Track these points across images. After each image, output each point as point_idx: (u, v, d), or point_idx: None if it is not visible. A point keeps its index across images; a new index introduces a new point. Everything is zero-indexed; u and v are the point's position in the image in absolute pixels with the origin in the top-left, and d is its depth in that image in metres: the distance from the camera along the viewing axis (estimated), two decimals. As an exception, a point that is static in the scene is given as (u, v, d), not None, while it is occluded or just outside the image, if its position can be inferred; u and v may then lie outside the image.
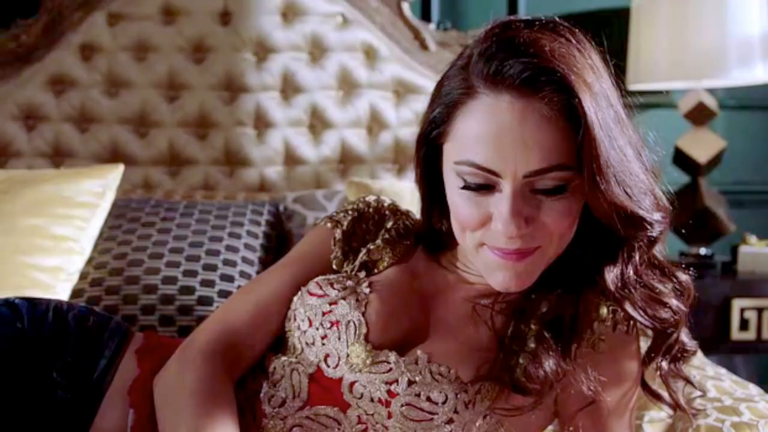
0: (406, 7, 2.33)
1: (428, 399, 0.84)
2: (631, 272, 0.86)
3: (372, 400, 0.85)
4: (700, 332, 2.12)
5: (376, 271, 0.95)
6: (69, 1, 2.26)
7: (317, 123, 2.30)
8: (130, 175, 2.23)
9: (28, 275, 1.40)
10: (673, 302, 0.89)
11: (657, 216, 0.86)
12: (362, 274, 0.94)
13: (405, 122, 2.32)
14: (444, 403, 0.83)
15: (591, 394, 0.85)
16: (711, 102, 2.35)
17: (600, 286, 0.86)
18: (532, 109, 0.78)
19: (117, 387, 0.93)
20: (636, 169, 0.84)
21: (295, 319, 0.93)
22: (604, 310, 0.88)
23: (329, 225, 1.00)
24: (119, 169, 1.73)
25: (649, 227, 0.85)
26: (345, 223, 0.99)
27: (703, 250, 2.37)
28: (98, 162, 2.25)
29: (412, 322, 0.90)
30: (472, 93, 0.81)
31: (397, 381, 0.85)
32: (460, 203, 0.83)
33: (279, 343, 0.96)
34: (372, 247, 0.96)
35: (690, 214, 2.31)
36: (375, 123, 2.32)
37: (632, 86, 2.38)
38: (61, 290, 1.44)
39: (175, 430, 0.83)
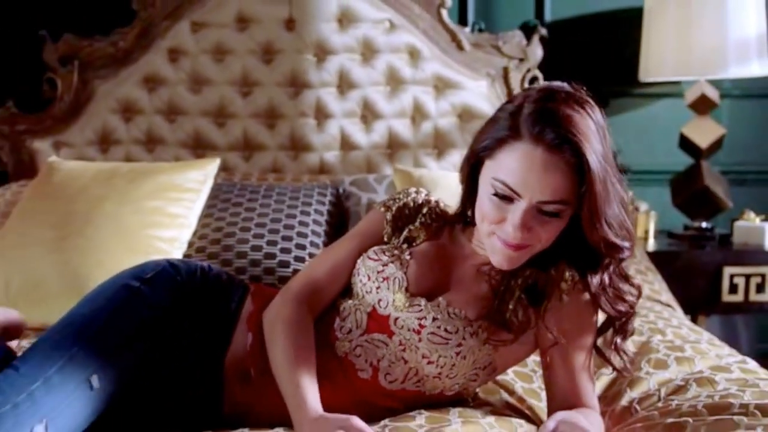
0: (444, 14, 2.69)
1: (445, 330, 1.24)
2: (607, 279, 1.25)
3: (408, 329, 1.27)
4: (696, 294, 2.53)
5: (414, 244, 1.36)
6: (159, 12, 2.66)
7: (368, 114, 2.69)
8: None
9: (152, 244, 1.84)
10: (631, 300, 1.28)
11: (627, 244, 1.23)
12: (405, 246, 1.36)
13: (443, 113, 2.69)
14: (456, 333, 1.24)
15: (557, 335, 1.26)
16: (713, 94, 2.69)
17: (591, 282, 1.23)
18: (555, 162, 1.15)
19: (242, 320, 1.37)
20: (618, 212, 1.20)
21: (358, 275, 1.35)
22: (567, 279, 1.27)
23: (382, 209, 1.42)
24: (216, 162, 2.16)
25: (622, 252, 1.23)
26: (393, 209, 1.40)
27: (704, 224, 2.75)
28: (184, 148, 2.69)
29: (437, 280, 1.31)
30: (518, 137, 1.17)
31: (425, 318, 1.26)
32: (486, 203, 1.22)
33: (346, 291, 1.38)
34: (412, 227, 1.37)
35: (692, 193, 2.69)
36: (417, 114, 2.70)
37: (643, 78, 2.75)
38: (176, 256, 1.87)
39: (274, 346, 1.26)
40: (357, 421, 1.11)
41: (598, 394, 1.39)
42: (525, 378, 1.50)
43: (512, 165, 1.18)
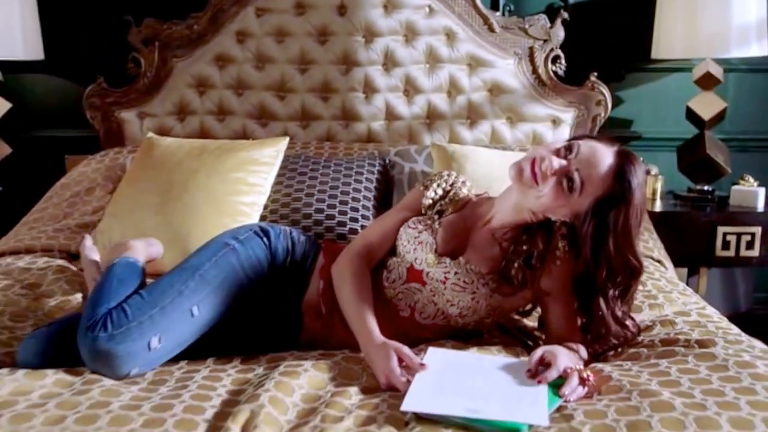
0: (478, 0, 3.09)
1: (464, 281, 1.68)
2: (615, 305, 1.62)
3: (437, 281, 1.70)
4: (693, 250, 2.92)
5: (444, 215, 1.81)
6: None
7: (410, 89, 3.09)
8: (274, 128, 3.14)
9: (236, 208, 2.30)
10: (629, 334, 1.67)
11: (628, 275, 1.60)
12: (436, 217, 1.80)
13: (476, 88, 3.08)
14: (471, 283, 1.67)
15: (549, 287, 1.68)
16: (717, 72, 3.05)
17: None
18: (610, 172, 1.55)
19: (315, 271, 1.83)
20: (630, 248, 1.57)
21: (401, 240, 1.79)
22: (560, 248, 1.69)
23: (422, 188, 1.86)
24: (285, 140, 2.59)
25: (619, 276, 1.60)
26: (430, 188, 1.84)
27: (706, 187, 3.13)
28: (250, 118, 3.12)
29: (459, 243, 1.74)
30: (602, 142, 1.60)
31: (449, 272, 1.69)
32: (548, 147, 1.60)
33: (392, 251, 1.83)
34: (443, 203, 1.82)
35: (694, 160, 3.08)
36: (453, 88, 3.09)
37: (655, 56, 3.11)
38: (255, 218, 2.33)
39: (343, 291, 1.70)
40: (406, 350, 1.55)
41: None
42: (530, 319, 1.94)
43: (591, 146, 1.60)
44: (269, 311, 1.79)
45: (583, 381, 1.44)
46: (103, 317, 1.58)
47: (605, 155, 1.58)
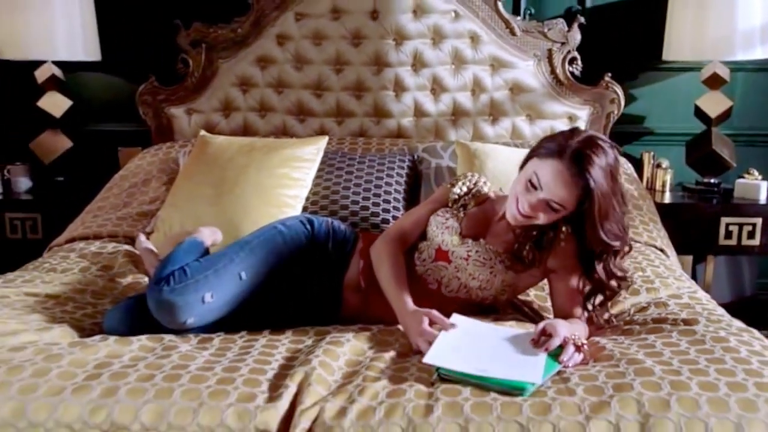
0: (500, 5, 3.33)
1: (483, 258, 1.97)
2: (611, 264, 1.91)
3: (461, 258, 1.98)
4: (698, 239, 3.19)
5: (467, 209, 2.10)
6: (269, 4, 3.36)
7: (437, 88, 3.37)
8: (311, 124, 3.44)
9: (281, 200, 2.60)
10: (622, 284, 1.95)
11: (617, 243, 1.87)
12: (461, 209, 2.10)
13: (498, 87, 3.36)
14: (490, 260, 1.96)
15: (555, 265, 1.98)
16: (723, 72, 3.29)
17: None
18: (571, 184, 1.80)
19: (355, 253, 2.12)
20: (612, 225, 1.84)
21: (430, 225, 2.08)
22: (564, 231, 1.97)
23: (449, 186, 2.15)
24: (325, 139, 2.89)
25: (611, 248, 1.87)
26: (456, 186, 2.14)
27: (712, 180, 3.39)
28: (289, 114, 3.42)
29: (480, 230, 2.02)
30: (560, 158, 1.82)
31: (471, 251, 1.98)
32: (522, 181, 1.87)
33: (423, 236, 2.12)
34: (466, 198, 2.11)
35: (701, 154, 3.34)
36: (477, 87, 3.37)
37: (666, 58, 3.37)
38: (298, 209, 2.62)
39: (381, 269, 1.98)
40: (435, 312, 1.85)
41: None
42: (542, 299, 2.23)
43: (547, 170, 1.85)
44: (313, 289, 2.10)
45: (578, 348, 1.73)
46: (168, 275, 1.94)
47: (562, 172, 1.82)
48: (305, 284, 2.10)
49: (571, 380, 1.61)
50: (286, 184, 2.65)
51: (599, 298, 1.98)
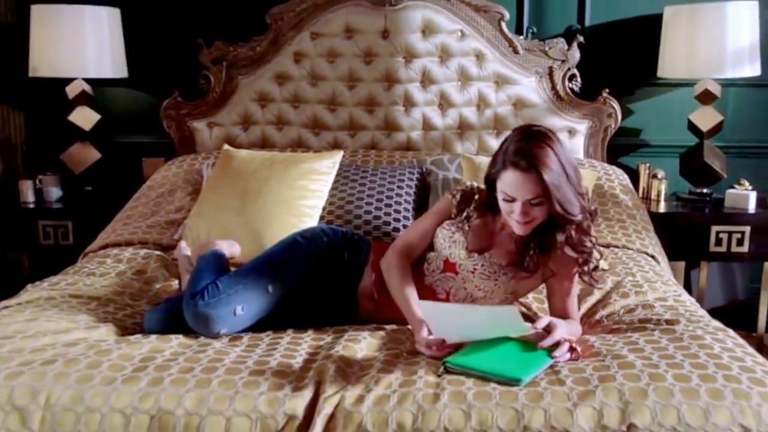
0: (504, 25, 3.56)
1: (488, 271, 2.19)
2: (572, 233, 2.15)
3: (467, 271, 2.20)
4: (690, 246, 3.41)
5: (471, 220, 2.32)
6: (286, 24, 3.59)
7: (444, 103, 3.59)
8: (325, 137, 3.67)
9: (301, 210, 2.82)
10: (588, 246, 2.19)
11: (579, 216, 2.10)
12: (465, 221, 2.31)
13: (501, 102, 3.58)
14: (494, 273, 2.18)
15: (555, 268, 2.20)
16: (715, 89, 3.51)
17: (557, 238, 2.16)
18: (527, 179, 2.02)
19: (368, 264, 2.36)
20: (573, 200, 2.06)
21: (437, 238, 2.31)
22: (560, 239, 2.20)
23: (450, 197, 2.37)
24: (340, 153, 3.12)
25: (572, 220, 2.09)
26: (458, 197, 2.34)
27: (705, 190, 3.61)
28: (305, 128, 3.65)
29: (484, 242, 2.24)
30: (507, 168, 2.06)
31: (476, 264, 2.20)
32: (501, 202, 2.11)
33: (430, 247, 2.34)
34: (469, 210, 2.32)
35: (694, 166, 3.56)
36: (482, 103, 3.59)
37: (660, 75, 3.60)
38: (316, 218, 2.83)
39: (391, 281, 2.21)
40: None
41: (582, 313, 2.35)
42: (540, 301, 2.46)
43: (507, 183, 2.08)
44: (331, 296, 2.33)
45: (572, 350, 1.95)
46: (202, 290, 2.16)
47: (516, 177, 2.03)
48: (324, 291, 2.32)
49: (562, 372, 1.84)
50: (304, 195, 2.88)
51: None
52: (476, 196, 2.33)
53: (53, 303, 2.33)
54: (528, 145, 2.05)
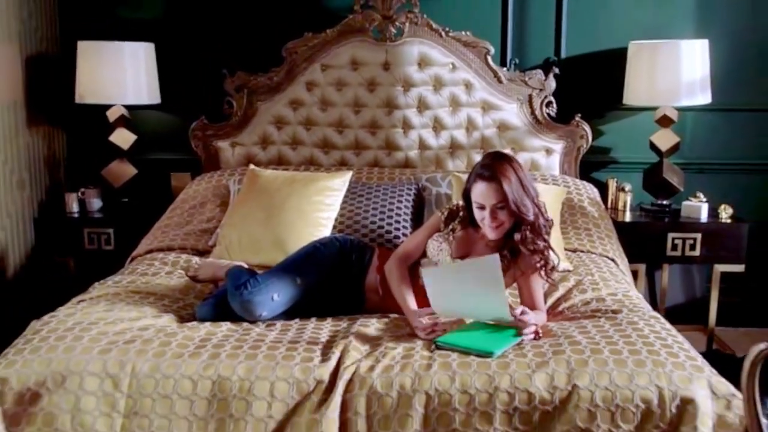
0: (489, 59, 4.16)
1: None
2: (527, 234, 2.74)
3: None
4: (650, 250, 4.03)
5: (455, 232, 2.90)
6: (299, 57, 4.17)
7: (437, 126, 4.18)
8: (334, 155, 4.26)
9: (317, 222, 3.40)
10: (540, 245, 2.78)
11: (532, 217, 2.69)
12: (451, 233, 2.88)
13: (487, 125, 4.17)
14: None
15: (524, 267, 2.79)
16: (672, 114, 4.12)
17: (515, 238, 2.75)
18: (491, 188, 2.61)
19: (372, 267, 2.93)
20: (528, 204, 2.66)
21: (428, 247, 2.88)
22: (517, 238, 2.77)
23: (439, 214, 2.95)
24: (350, 173, 3.70)
25: (526, 219, 2.68)
26: (445, 214, 2.91)
27: (664, 202, 4.22)
28: (316, 147, 4.23)
29: (466, 249, 2.81)
30: (476, 181, 2.66)
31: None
32: (474, 210, 2.70)
33: (423, 254, 2.93)
34: (453, 224, 2.90)
35: (654, 181, 4.17)
36: (470, 126, 4.18)
37: (626, 102, 4.21)
38: (329, 228, 3.40)
39: (392, 282, 2.79)
40: (429, 309, 2.67)
41: (549, 305, 2.95)
42: (514, 296, 3.06)
43: (477, 193, 2.67)
44: (343, 289, 2.93)
45: (536, 333, 2.55)
46: (244, 282, 2.77)
47: (484, 186, 2.61)
48: (337, 286, 2.92)
49: (525, 348, 2.44)
50: (320, 209, 3.48)
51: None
52: (460, 213, 2.92)
53: (120, 297, 2.92)
54: (492, 162, 2.68)
